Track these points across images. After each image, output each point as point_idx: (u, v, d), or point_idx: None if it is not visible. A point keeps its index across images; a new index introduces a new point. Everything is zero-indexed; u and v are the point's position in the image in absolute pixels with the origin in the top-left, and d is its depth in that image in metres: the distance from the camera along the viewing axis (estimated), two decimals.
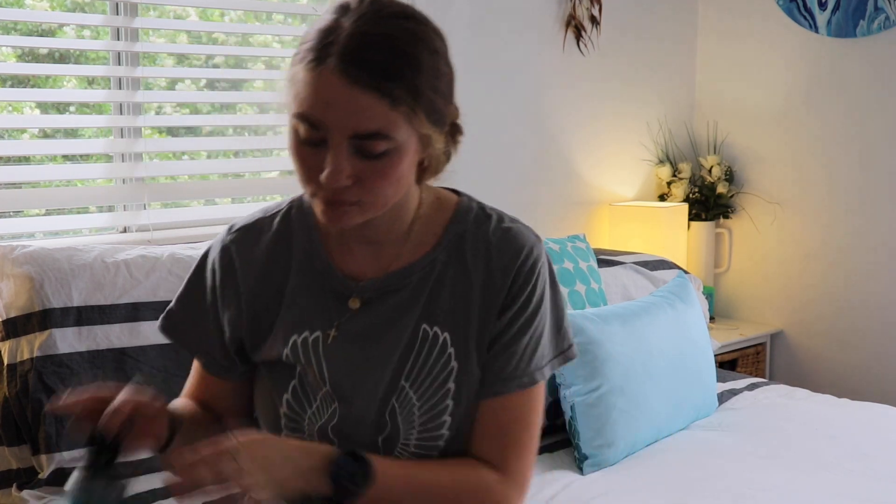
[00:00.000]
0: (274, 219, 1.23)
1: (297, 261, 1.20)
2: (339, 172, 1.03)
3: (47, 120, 2.35)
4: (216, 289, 1.22)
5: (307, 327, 1.18)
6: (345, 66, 1.00)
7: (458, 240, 1.18)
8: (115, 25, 2.30)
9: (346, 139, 1.02)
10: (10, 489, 1.82)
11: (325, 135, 1.03)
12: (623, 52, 3.36)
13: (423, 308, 1.16)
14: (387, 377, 1.15)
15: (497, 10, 2.94)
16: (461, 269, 1.17)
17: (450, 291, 1.16)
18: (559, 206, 3.20)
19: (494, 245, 1.16)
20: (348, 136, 1.02)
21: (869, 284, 3.27)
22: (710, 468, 2.03)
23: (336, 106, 1.01)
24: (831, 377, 3.37)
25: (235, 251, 1.21)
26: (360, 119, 1.01)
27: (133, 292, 1.93)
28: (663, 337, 2.26)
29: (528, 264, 1.16)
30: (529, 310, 1.16)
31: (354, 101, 1.00)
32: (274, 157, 2.74)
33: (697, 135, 3.68)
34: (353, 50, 1.01)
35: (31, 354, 1.81)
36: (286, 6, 2.65)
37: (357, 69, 1.00)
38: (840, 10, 3.24)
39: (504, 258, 1.16)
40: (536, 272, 1.16)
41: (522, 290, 1.15)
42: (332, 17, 1.05)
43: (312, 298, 1.18)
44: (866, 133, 3.25)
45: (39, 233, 2.30)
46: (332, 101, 1.01)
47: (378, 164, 1.04)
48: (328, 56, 1.01)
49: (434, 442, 1.16)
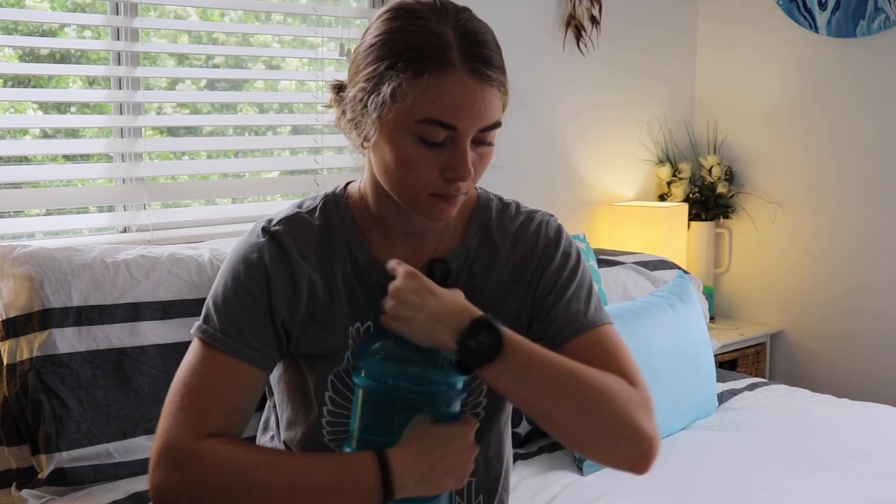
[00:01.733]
0: (313, 213, 1.23)
1: (340, 255, 1.21)
2: (470, 167, 1.11)
3: (47, 120, 2.35)
4: (268, 275, 1.17)
5: (361, 318, 1.20)
6: (473, 66, 1.08)
7: (485, 227, 1.25)
8: (115, 25, 2.30)
9: (474, 133, 1.10)
10: (10, 489, 1.82)
11: (453, 134, 1.09)
12: (623, 52, 3.36)
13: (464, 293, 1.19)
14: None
15: (497, 10, 2.94)
16: (492, 251, 1.24)
17: (483, 274, 1.21)
18: (559, 206, 3.20)
19: (518, 226, 1.25)
20: (478, 129, 1.10)
21: (869, 284, 3.27)
22: (710, 468, 2.03)
23: (471, 104, 1.08)
24: (831, 377, 3.37)
25: (286, 240, 1.19)
26: (488, 113, 1.10)
27: (133, 292, 1.93)
28: (663, 337, 2.26)
29: (552, 231, 1.25)
30: (570, 264, 1.23)
31: (484, 97, 1.09)
32: (275, 158, 2.74)
33: (697, 135, 3.68)
34: (474, 51, 1.09)
35: (31, 354, 1.81)
36: (286, 6, 2.65)
37: (485, 66, 1.09)
38: (840, 10, 3.24)
39: (528, 233, 1.25)
40: (563, 236, 1.26)
41: (555, 251, 1.24)
42: (426, 25, 1.10)
43: (363, 291, 1.21)
44: (866, 133, 3.24)
45: (39, 233, 2.30)
46: (466, 100, 1.08)
47: (485, 152, 1.14)
48: (448, 55, 1.08)
49: (474, 409, 1.23)
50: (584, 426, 1.10)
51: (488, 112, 1.09)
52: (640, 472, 1.13)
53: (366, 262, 1.21)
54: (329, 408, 1.20)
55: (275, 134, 2.78)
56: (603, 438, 1.11)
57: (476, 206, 1.27)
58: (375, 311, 1.18)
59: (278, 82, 2.73)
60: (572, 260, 1.24)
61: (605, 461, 1.15)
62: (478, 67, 1.08)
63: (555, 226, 1.27)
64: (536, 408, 1.11)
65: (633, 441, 1.11)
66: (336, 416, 1.21)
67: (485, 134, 1.11)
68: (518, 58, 3.09)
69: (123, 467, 1.83)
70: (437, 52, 1.07)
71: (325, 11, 2.64)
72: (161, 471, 1.08)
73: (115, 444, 1.83)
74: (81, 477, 1.79)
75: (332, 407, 1.20)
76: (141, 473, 1.84)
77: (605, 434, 1.10)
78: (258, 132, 2.74)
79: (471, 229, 1.25)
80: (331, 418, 1.21)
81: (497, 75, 1.10)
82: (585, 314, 1.20)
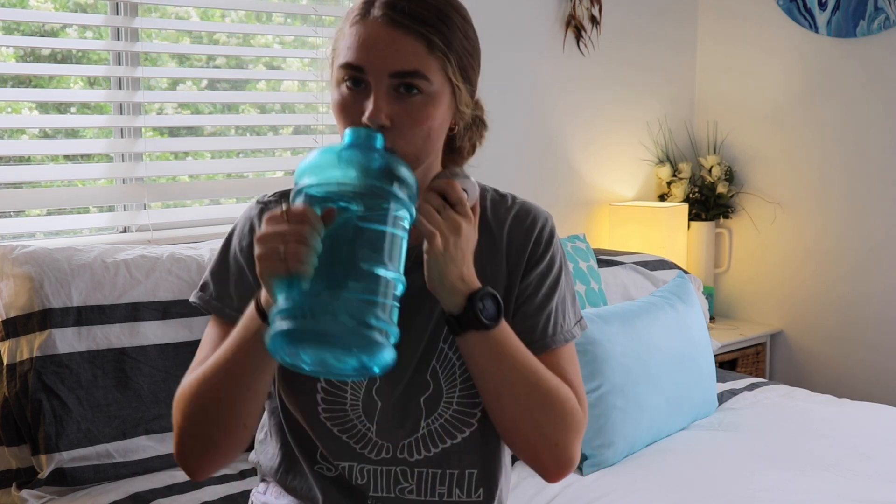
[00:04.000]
0: None
1: None
2: (379, 110, 1.09)
3: (46, 120, 2.35)
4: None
5: None
6: (387, 14, 1.11)
7: (482, 214, 1.26)
8: (115, 25, 2.30)
9: (385, 77, 1.10)
10: (10, 489, 1.82)
11: (367, 78, 1.11)
12: (623, 52, 3.36)
13: None
14: (426, 340, 1.22)
15: (497, 10, 2.94)
16: (489, 236, 1.25)
17: (477, 257, 1.21)
18: (559, 206, 3.20)
19: (514, 215, 1.27)
20: (388, 73, 1.10)
21: (869, 284, 3.27)
22: (710, 468, 2.03)
23: (378, 46, 1.11)
24: (831, 377, 3.37)
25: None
26: (399, 58, 1.10)
27: (133, 292, 1.93)
28: (663, 337, 2.26)
29: (546, 231, 1.27)
30: (554, 272, 1.25)
31: (395, 42, 1.11)
32: (276, 158, 2.74)
33: (697, 135, 3.68)
34: (395, 3, 1.12)
35: (31, 354, 1.81)
36: (287, 6, 2.65)
37: (399, 15, 1.11)
38: (840, 10, 3.24)
39: (523, 225, 1.26)
40: (555, 239, 1.27)
41: (545, 253, 1.25)
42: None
43: None
44: (866, 133, 3.25)
45: (40, 233, 2.30)
46: (375, 43, 1.11)
47: (413, 107, 1.12)
48: (371, 9, 1.12)
49: (474, 399, 1.23)
50: (525, 418, 1.18)
51: (399, 57, 1.10)
52: (550, 479, 1.24)
53: None
54: (322, 384, 1.23)
55: (276, 134, 2.78)
56: (535, 436, 1.19)
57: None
58: None
59: (281, 83, 2.73)
60: (556, 267, 1.26)
61: (525, 457, 1.21)
62: (392, 15, 1.11)
63: (550, 225, 1.28)
64: (492, 384, 1.17)
65: (559, 451, 1.19)
66: (330, 394, 1.23)
67: (407, 82, 1.11)
68: (518, 58, 3.13)
69: (123, 467, 1.84)
70: (364, 7, 1.13)
71: (325, 12, 2.65)
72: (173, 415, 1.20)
73: (115, 444, 1.83)
74: (81, 477, 1.79)
75: (326, 384, 1.23)
76: (141, 473, 1.85)
77: (538, 433, 1.18)
78: (260, 132, 2.74)
79: None
80: (325, 395, 1.23)
81: (417, 26, 1.11)
82: (560, 329, 1.24)
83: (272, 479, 1.33)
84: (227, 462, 1.20)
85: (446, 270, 1.10)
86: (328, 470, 1.26)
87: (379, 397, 1.23)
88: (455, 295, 1.11)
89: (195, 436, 1.17)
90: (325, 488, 1.26)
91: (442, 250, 1.09)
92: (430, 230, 1.08)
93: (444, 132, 1.19)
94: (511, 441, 1.21)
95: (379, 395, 1.23)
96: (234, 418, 1.15)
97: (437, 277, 1.11)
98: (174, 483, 1.82)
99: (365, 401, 1.23)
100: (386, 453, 1.24)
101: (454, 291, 1.11)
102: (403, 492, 1.25)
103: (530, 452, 1.20)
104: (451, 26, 1.14)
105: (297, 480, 1.29)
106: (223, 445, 1.17)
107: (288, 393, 1.26)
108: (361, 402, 1.23)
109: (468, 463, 1.25)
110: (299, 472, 1.28)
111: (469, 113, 1.21)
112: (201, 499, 1.77)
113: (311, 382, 1.23)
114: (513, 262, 1.25)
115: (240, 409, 1.14)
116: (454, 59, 1.14)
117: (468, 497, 1.27)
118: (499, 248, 1.25)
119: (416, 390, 1.23)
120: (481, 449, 1.26)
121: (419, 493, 1.25)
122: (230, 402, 1.14)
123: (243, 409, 1.15)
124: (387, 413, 1.23)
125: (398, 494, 1.25)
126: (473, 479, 1.26)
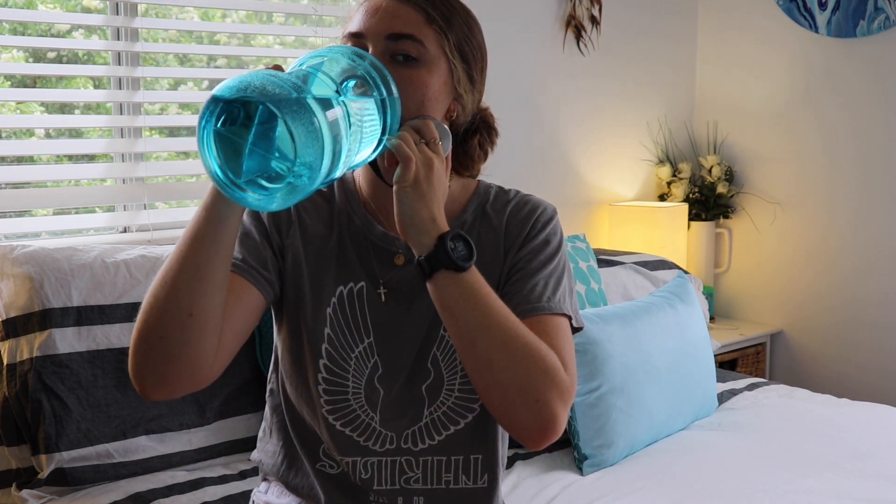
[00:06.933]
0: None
1: (338, 217, 1.28)
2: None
3: (46, 120, 2.35)
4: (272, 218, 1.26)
5: (353, 279, 1.25)
6: None
7: (482, 207, 1.30)
8: (115, 25, 2.30)
9: (382, 39, 1.16)
10: (10, 489, 1.82)
11: (366, 43, 1.17)
12: (623, 51, 3.36)
13: None
14: (426, 328, 1.24)
15: (497, 9, 2.94)
16: (487, 225, 1.28)
17: (477, 245, 1.21)
18: (559, 206, 3.14)
19: (514, 205, 1.30)
20: (384, 35, 1.16)
21: (869, 284, 3.27)
22: (710, 468, 2.03)
23: (377, 13, 1.18)
24: (831, 377, 3.37)
25: None
26: (395, 21, 1.17)
27: (133, 292, 1.93)
28: (663, 337, 2.26)
29: (544, 216, 1.29)
30: (549, 249, 1.25)
31: (395, 10, 1.17)
32: None
33: (697, 135, 3.68)
34: None
35: (31, 354, 1.81)
36: (287, 7, 2.65)
37: None
38: (840, 10, 3.24)
39: (522, 213, 1.28)
40: (553, 223, 1.28)
41: (541, 232, 1.27)
42: None
43: (356, 253, 1.26)
44: (866, 133, 3.25)
45: (43, 233, 2.30)
46: (376, 11, 1.18)
47: (407, 70, 1.16)
48: None
49: (473, 403, 1.25)
50: (501, 369, 1.10)
51: (396, 21, 1.17)
52: (531, 444, 1.13)
53: (363, 228, 1.26)
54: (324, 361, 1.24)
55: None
56: (513, 389, 1.10)
57: (475, 191, 1.32)
58: (370, 273, 1.25)
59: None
60: (552, 246, 1.26)
61: (505, 416, 1.13)
62: None
63: (549, 212, 1.30)
64: (466, 331, 1.10)
65: (538, 408, 1.10)
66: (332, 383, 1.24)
67: (402, 44, 1.16)
68: (518, 58, 3.13)
69: (123, 467, 1.84)
70: None
71: (325, 12, 2.65)
72: None
73: (115, 444, 1.84)
74: (81, 477, 1.79)
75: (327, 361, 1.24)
76: (141, 473, 1.85)
77: (516, 385, 1.10)
78: None
79: (468, 207, 1.30)
80: (326, 374, 1.24)
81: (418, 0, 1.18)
82: (549, 298, 1.20)
83: (274, 477, 1.33)
84: (177, 373, 1.09)
85: (417, 206, 1.10)
86: (331, 467, 1.26)
87: (381, 386, 1.24)
88: (424, 235, 1.11)
89: (145, 338, 1.08)
90: (327, 486, 1.26)
91: (413, 181, 1.10)
92: (406, 153, 1.10)
93: (441, 109, 1.21)
94: (489, 398, 1.12)
95: (381, 384, 1.24)
96: (179, 301, 1.07)
97: (407, 213, 1.11)
98: (174, 483, 1.82)
99: (367, 390, 1.24)
100: (390, 444, 1.25)
101: (423, 231, 1.11)
102: (409, 482, 1.25)
103: (508, 409, 1.11)
104: (451, 10, 1.21)
105: (299, 478, 1.29)
106: (172, 340, 1.07)
107: (291, 387, 1.27)
108: (363, 391, 1.24)
109: (472, 448, 1.27)
110: (301, 470, 1.29)
111: (469, 101, 1.25)
112: (201, 499, 1.77)
113: (313, 372, 1.24)
114: (509, 244, 1.26)
115: (186, 291, 1.07)
116: (452, 38, 1.20)
117: (474, 483, 1.28)
118: (497, 234, 1.27)
119: (418, 378, 1.24)
120: (484, 434, 1.27)
121: (425, 482, 1.26)
122: (174, 284, 1.08)
123: (190, 291, 1.07)
124: (389, 402, 1.24)
125: (403, 485, 1.25)
126: (479, 464, 1.28)
